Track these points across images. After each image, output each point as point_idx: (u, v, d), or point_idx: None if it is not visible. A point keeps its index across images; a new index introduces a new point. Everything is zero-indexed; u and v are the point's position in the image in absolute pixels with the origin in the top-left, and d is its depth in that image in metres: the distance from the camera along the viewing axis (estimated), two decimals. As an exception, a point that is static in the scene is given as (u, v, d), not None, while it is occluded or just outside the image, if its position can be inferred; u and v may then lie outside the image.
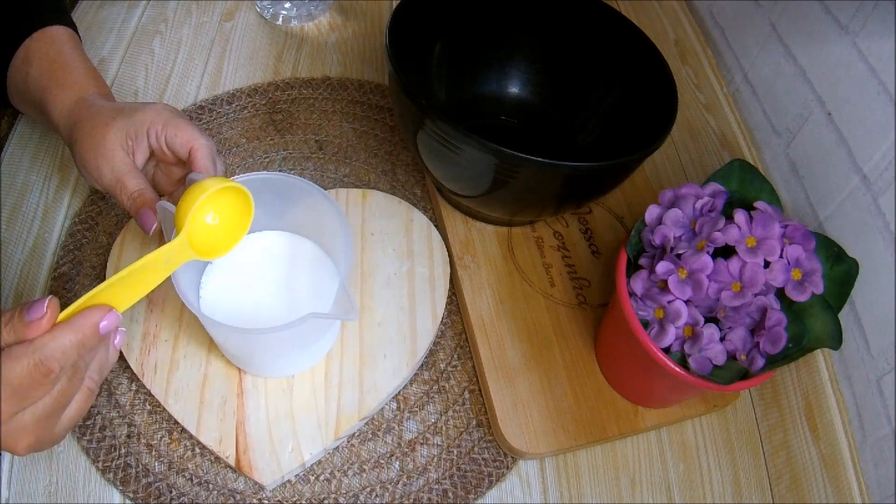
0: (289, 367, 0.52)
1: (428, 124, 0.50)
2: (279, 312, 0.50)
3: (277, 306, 0.51)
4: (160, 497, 0.48)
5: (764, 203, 0.46)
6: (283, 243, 0.54)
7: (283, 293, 0.51)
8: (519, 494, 0.51)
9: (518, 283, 0.58)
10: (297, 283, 0.52)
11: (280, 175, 0.49)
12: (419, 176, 0.66)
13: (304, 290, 0.52)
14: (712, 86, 0.76)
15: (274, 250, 0.53)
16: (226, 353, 0.51)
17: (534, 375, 0.54)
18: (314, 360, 0.52)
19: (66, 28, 0.55)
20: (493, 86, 0.66)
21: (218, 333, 0.48)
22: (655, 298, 0.45)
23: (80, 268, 0.57)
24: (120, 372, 0.52)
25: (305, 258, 0.53)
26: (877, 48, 0.53)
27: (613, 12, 0.60)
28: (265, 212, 0.52)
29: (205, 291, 0.51)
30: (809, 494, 0.53)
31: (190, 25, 0.75)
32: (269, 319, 0.50)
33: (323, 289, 0.51)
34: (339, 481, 0.50)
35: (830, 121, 0.58)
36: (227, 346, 0.50)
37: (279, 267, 0.53)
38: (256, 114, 0.69)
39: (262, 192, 0.49)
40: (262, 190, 0.49)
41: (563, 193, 0.53)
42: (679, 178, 0.69)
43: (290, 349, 0.50)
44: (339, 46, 0.75)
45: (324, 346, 0.52)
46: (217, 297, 0.50)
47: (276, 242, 0.54)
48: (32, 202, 0.61)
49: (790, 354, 0.43)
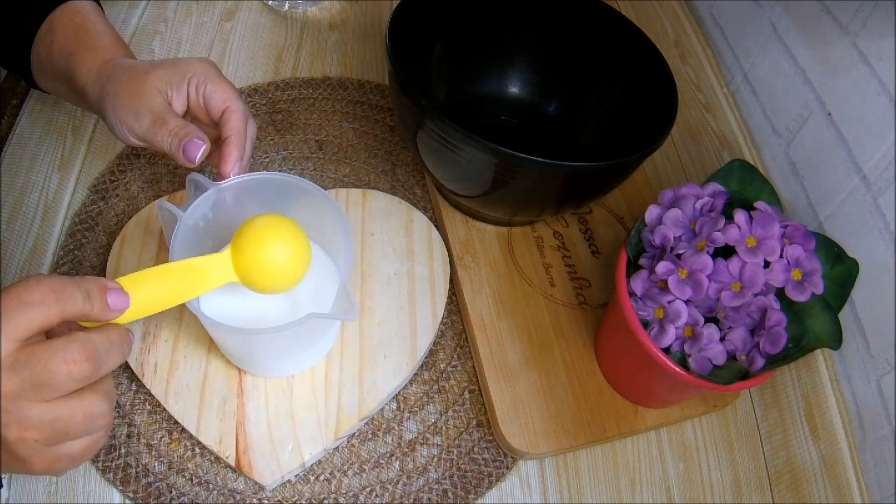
0: (289, 367, 0.52)
1: (428, 124, 0.50)
2: (279, 312, 0.50)
3: (277, 306, 0.50)
4: (160, 497, 0.48)
5: (764, 203, 0.46)
6: None
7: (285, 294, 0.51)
8: (519, 494, 0.51)
9: (518, 283, 0.58)
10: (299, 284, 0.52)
11: (280, 175, 0.49)
12: (419, 176, 0.66)
13: (304, 290, 0.51)
14: (712, 86, 0.76)
15: None
16: (226, 353, 0.51)
17: (534, 375, 0.54)
18: (314, 360, 0.52)
19: (90, 1, 0.55)
20: (493, 86, 0.66)
21: (218, 333, 0.48)
22: (655, 298, 0.45)
23: (80, 268, 0.57)
24: (120, 372, 0.52)
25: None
26: (877, 48, 0.53)
27: (613, 12, 0.60)
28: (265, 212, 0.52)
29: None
30: (809, 494, 0.53)
31: (190, 25, 0.75)
32: (269, 319, 0.49)
33: (323, 289, 0.51)
34: (339, 481, 0.50)
35: (830, 121, 0.58)
36: (227, 346, 0.50)
37: None
38: (256, 114, 0.68)
39: (262, 192, 0.50)
40: (262, 190, 0.50)
41: (563, 193, 0.53)
42: (679, 178, 0.69)
43: (289, 349, 0.50)
44: (339, 46, 0.75)
45: (324, 346, 0.52)
46: (217, 297, 0.50)
47: None
48: (32, 202, 0.61)
49: (790, 354, 0.43)
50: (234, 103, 0.50)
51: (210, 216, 0.49)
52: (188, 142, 0.48)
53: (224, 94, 0.50)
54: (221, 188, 0.48)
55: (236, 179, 0.49)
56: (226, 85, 0.50)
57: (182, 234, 0.46)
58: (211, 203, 0.49)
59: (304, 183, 0.49)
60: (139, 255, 0.56)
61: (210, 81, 0.50)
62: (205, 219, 0.49)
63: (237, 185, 0.49)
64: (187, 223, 0.47)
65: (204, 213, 0.49)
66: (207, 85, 0.50)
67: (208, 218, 0.49)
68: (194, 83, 0.50)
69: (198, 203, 0.48)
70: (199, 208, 0.48)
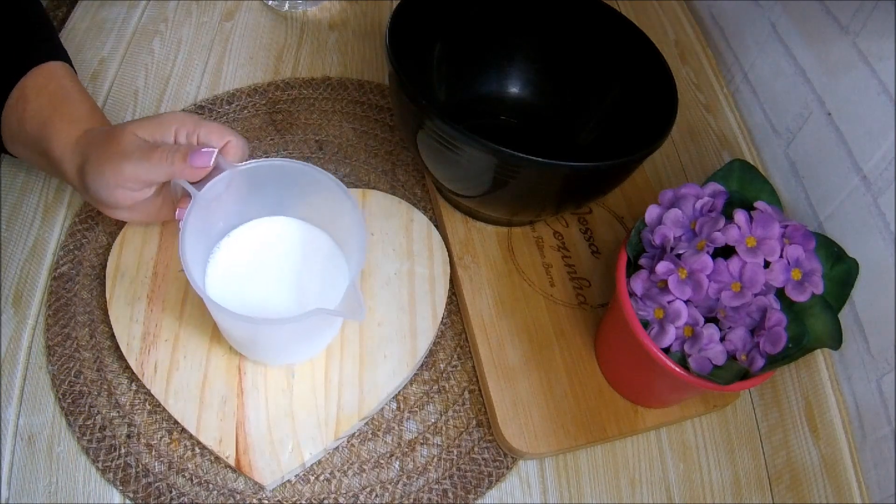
0: (291, 356, 0.52)
1: (428, 124, 0.50)
2: (286, 302, 0.50)
3: (285, 295, 0.50)
4: (160, 497, 0.48)
5: (764, 203, 0.46)
6: (297, 231, 0.53)
7: (293, 282, 0.51)
8: (519, 494, 0.51)
9: (518, 283, 0.58)
10: (308, 274, 0.52)
11: (299, 164, 0.49)
12: (419, 176, 0.66)
13: (313, 281, 0.51)
14: (712, 86, 0.76)
15: (288, 237, 0.53)
16: (227, 338, 0.51)
17: (534, 375, 0.54)
18: (316, 351, 0.52)
19: (63, 63, 0.53)
20: (493, 86, 0.66)
21: (222, 319, 0.48)
22: (655, 298, 0.45)
23: (80, 268, 0.57)
24: (120, 372, 0.52)
25: (318, 250, 0.52)
26: (877, 48, 0.53)
27: (613, 12, 0.60)
28: (281, 199, 0.52)
29: (212, 272, 0.50)
30: (809, 494, 0.53)
31: (190, 25, 0.75)
32: (275, 308, 0.49)
33: (332, 283, 0.51)
34: (339, 481, 0.50)
35: (830, 121, 0.58)
36: (230, 331, 0.49)
37: (291, 255, 0.52)
38: (256, 114, 0.69)
39: (278, 179, 0.49)
40: (278, 176, 0.49)
41: (563, 193, 0.53)
42: (679, 178, 0.69)
43: (293, 340, 0.50)
44: (339, 46, 0.75)
45: (326, 338, 0.52)
46: (225, 280, 0.50)
47: (290, 229, 0.53)
48: (32, 202, 0.61)
49: (790, 354, 0.43)
50: (235, 138, 0.49)
51: (224, 197, 0.49)
52: (193, 153, 0.46)
53: (221, 131, 0.49)
54: (239, 170, 0.48)
55: (255, 162, 0.49)
56: (219, 125, 0.49)
57: (196, 212, 0.46)
58: (226, 184, 0.48)
59: (321, 174, 0.48)
60: (139, 255, 0.56)
61: (202, 127, 0.48)
62: (218, 199, 0.48)
63: (254, 169, 0.49)
64: (200, 202, 0.47)
65: (218, 193, 0.48)
66: (200, 131, 0.48)
67: (222, 199, 0.49)
68: (183, 133, 0.48)
69: (214, 183, 0.47)
70: (214, 188, 0.47)
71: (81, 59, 0.70)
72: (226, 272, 0.50)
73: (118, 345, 0.52)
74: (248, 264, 0.51)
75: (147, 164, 0.46)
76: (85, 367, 0.52)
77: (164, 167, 0.46)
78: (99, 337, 0.54)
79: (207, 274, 0.50)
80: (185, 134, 0.48)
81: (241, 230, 0.53)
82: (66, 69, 0.53)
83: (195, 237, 0.46)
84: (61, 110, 0.50)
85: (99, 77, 0.69)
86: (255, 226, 0.53)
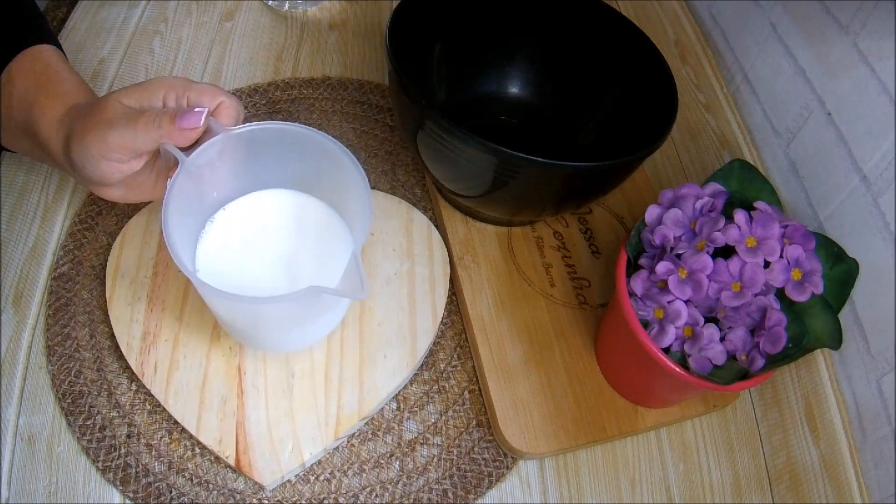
0: (290, 343, 0.50)
1: (428, 124, 0.50)
2: (286, 282, 0.46)
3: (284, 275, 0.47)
4: (160, 497, 0.48)
5: (764, 203, 0.46)
6: (299, 206, 0.50)
7: (293, 261, 0.48)
8: (519, 494, 0.51)
9: (518, 283, 0.58)
10: (305, 250, 0.49)
11: (298, 126, 0.45)
12: (419, 176, 0.66)
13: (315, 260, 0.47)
14: (712, 86, 0.76)
15: (288, 212, 0.50)
16: (223, 325, 0.50)
17: (534, 375, 0.54)
18: (318, 337, 0.51)
19: (50, 45, 0.50)
20: (493, 86, 0.66)
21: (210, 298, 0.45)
22: (655, 298, 0.45)
23: (80, 268, 0.57)
24: (120, 372, 0.52)
25: (321, 225, 0.49)
26: (877, 48, 0.53)
27: (613, 12, 0.60)
28: (280, 167, 0.48)
29: (204, 247, 0.47)
30: (809, 494, 0.53)
31: (190, 25, 0.75)
32: (271, 286, 0.46)
33: (337, 263, 0.46)
34: (339, 481, 0.50)
35: (830, 121, 0.58)
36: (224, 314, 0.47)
37: (287, 231, 0.50)
38: (256, 114, 0.69)
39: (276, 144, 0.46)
40: (276, 141, 0.46)
41: (563, 193, 0.53)
42: (679, 178, 0.69)
43: (294, 323, 0.47)
44: (339, 46, 0.75)
45: (330, 320, 0.49)
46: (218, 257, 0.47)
47: (291, 203, 0.50)
48: (32, 202, 0.61)
49: (790, 354, 0.43)
50: (228, 98, 0.46)
51: (217, 164, 0.45)
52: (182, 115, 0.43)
53: (212, 92, 0.45)
54: (233, 134, 0.44)
55: (250, 126, 0.45)
56: (210, 85, 0.46)
57: (182, 180, 0.42)
58: (219, 149, 0.44)
59: (321, 136, 0.45)
60: (139, 255, 0.56)
61: (192, 89, 0.45)
62: (211, 166, 0.45)
63: (250, 133, 0.45)
64: (189, 168, 0.43)
65: (210, 159, 0.44)
66: (190, 94, 0.45)
67: (215, 166, 0.45)
68: (172, 97, 0.45)
69: (204, 147, 0.43)
70: (205, 153, 0.44)
71: (81, 59, 0.70)
72: (220, 248, 0.47)
73: (118, 345, 0.52)
74: (245, 240, 0.48)
75: (133, 131, 0.43)
76: (85, 367, 0.52)
77: (152, 132, 0.43)
78: (99, 337, 0.54)
79: (198, 250, 0.47)
80: (174, 98, 0.45)
81: (238, 203, 0.49)
82: (52, 50, 0.50)
83: (183, 208, 0.43)
84: (47, 89, 0.47)
85: (99, 77, 0.69)
86: (254, 199, 0.49)
